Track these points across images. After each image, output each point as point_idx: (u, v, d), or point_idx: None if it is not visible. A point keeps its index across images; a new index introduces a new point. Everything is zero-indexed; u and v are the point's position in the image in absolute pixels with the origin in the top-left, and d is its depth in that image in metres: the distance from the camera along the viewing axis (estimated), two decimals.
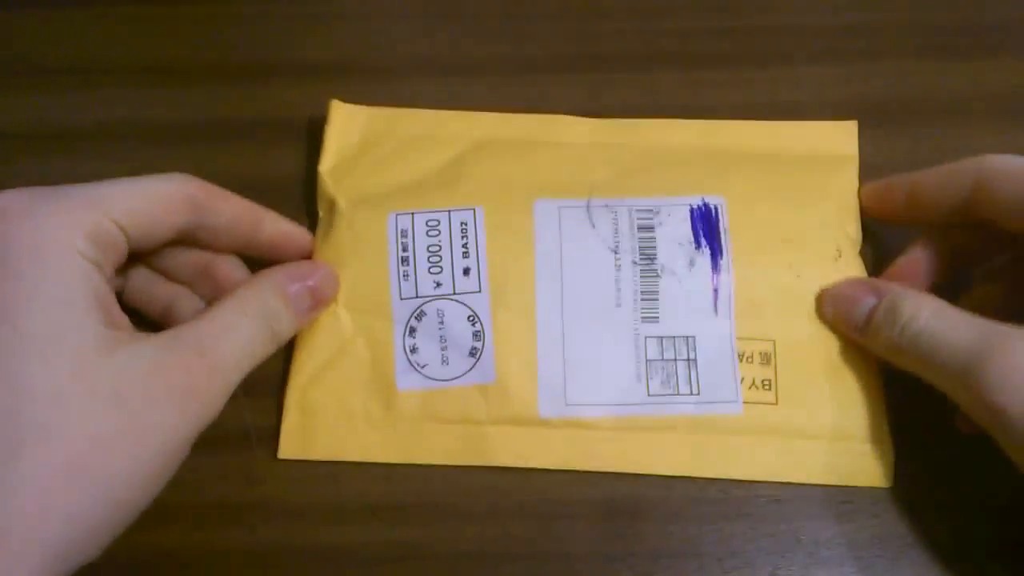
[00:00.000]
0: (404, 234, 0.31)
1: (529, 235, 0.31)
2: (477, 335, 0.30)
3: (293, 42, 0.37)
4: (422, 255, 0.30)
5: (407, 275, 0.30)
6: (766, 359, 0.30)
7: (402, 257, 0.30)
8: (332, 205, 0.32)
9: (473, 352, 0.30)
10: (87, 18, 0.37)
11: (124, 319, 0.27)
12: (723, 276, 0.30)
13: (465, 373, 0.30)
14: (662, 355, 0.30)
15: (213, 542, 0.29)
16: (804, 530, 0.29)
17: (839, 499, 0.30)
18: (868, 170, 0.33)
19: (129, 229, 0.26)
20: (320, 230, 0.32)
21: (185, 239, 0.29)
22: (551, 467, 0.29)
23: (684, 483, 0.30)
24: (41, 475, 0.22)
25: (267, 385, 0.31)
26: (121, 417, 0.23)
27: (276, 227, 0.30)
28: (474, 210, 0.31)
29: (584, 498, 0.29)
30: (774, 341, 0.30)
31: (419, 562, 0.29)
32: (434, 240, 0.30)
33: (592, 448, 0.29)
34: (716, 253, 0.30)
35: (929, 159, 0.33)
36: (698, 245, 0.30)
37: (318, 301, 0.29)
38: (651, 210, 0.31)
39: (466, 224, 0.31)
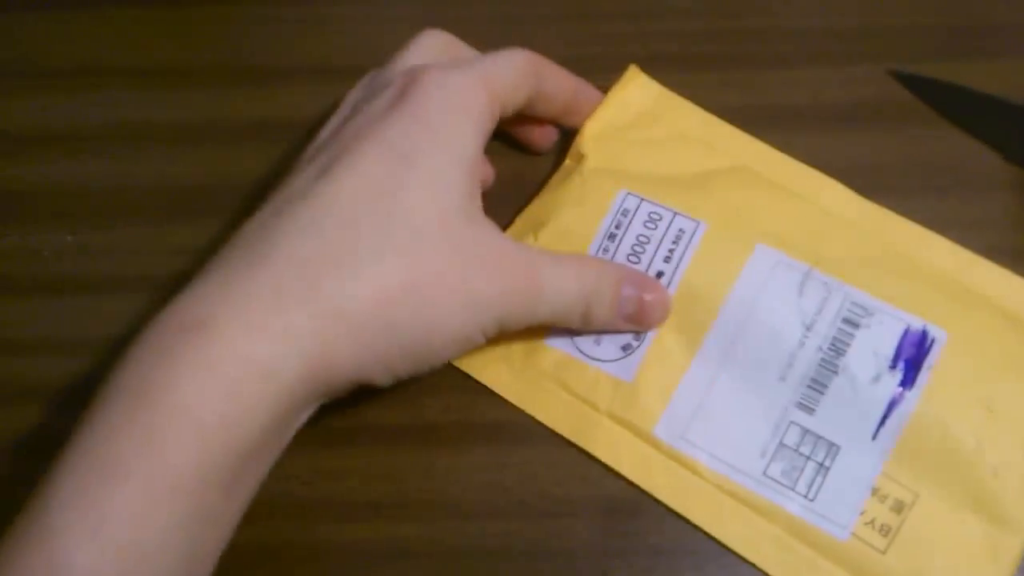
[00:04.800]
0: (624, 213, 0.31)
1: (735, 271, 0.30)
2: (637, 334, 0.30)
3: (299, 44, 0.37)
4: (629, 239, 0.31)
5: (607, 249, 0.31)
6: (899, 507, 0.28)
7: (611, 232, 0.31)
8: (581, 158, 0.33)
9: (626, 347, 0.30)
10: (92, 20, 0.37)
11: (479, 183, 0.29)
12: (901, 408, 0.28)
13: (609, 361, 0.30)
14: (798, 447, 0.29)
15: None
16: None
17: None
18: (863, 171, 0.32)
19: (505, 99, 0.29)
20: (559, 174, 0.33)
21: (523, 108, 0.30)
22: (639, 484, 0.29)
23: None
24: (398, 277, 0.25)
25: None
26: (459, 272, 0.26)
27: (589, 95, 0.32)
28: (697, 223, 0.31)
29: (584, 496, 0.30)
30: (918, 495, 0.28)
31: (421, 559, 0.29)
32: (647, 232, 0.31)
33: (686, 490, 0.29)
34: (907, 383, 0.28)
35: (927, 160, 0.33)
36: (893, 365, 0.29)
37: (641, 316, 0.29)
38: (865, 308, 0.29)
39: (683, 232, 0.31)
